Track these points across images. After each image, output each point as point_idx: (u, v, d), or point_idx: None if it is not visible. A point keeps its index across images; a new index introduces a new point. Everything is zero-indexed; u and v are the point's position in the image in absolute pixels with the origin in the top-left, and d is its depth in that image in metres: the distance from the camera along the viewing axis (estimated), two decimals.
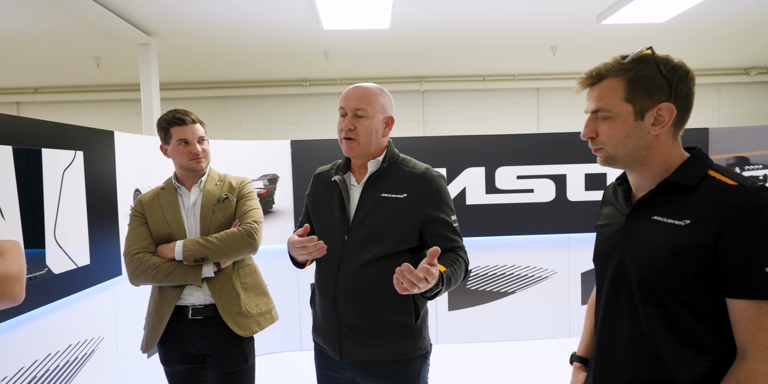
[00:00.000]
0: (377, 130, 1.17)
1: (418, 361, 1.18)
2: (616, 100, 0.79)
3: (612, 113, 0.80)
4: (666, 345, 0.76)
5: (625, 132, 0.80)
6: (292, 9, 3.45)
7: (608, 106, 0.80)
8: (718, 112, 6.38)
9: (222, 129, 6.04)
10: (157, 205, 1.51)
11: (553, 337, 3.10)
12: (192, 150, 1.48)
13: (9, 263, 0.81)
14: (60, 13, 3.43)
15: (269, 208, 2.90)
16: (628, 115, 0.79)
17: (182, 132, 1.47)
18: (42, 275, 1.61)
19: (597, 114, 0.82)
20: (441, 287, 1.01)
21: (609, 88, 0.80)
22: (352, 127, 1.15)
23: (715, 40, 4.67)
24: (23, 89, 5.95)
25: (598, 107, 0.81)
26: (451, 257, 1.14)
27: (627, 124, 0.80)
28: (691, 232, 0.74)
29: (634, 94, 0.78)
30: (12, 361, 1.52)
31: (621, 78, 0.79)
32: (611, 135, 0.81)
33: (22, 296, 0.82)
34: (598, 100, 0.81)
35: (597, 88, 0.81)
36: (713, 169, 0.78)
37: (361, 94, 1.16)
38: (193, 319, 1.46)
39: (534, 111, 6.32)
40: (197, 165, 1.49)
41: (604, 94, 0.80)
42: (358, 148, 1.17)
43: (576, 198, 3.00)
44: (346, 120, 1.16)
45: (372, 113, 1.16)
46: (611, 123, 0.80)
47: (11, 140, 1.51)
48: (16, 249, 0.85)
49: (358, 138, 1.16)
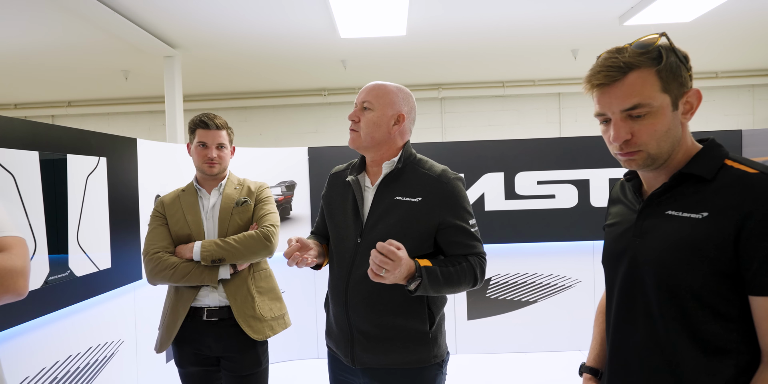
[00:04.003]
0: (381, 124, 1.15)
1: (432, 370, 1.14)
2: (654, 92, 0.71)
3: (653, 107, 0.71)
4: (686, 351, 0.70)
5: (667, 125, 0.72)
6: (309, 19, 3.51)
7: (648, 100, 0.70)
8: (753, 115, 6.11)
9: (243, 138, 6.17)
10: (178, 207, 1.54)
11: (578, 349, 2.97)
12: (207, 154, 1.52)
13: (14, 258, 0.83)
14: (90, 28, 3.60)
15: (287, 214, 2.91)
16: (667, 106, 0.72)
17: (204, 135, 1.52)
18: (64, 278, 1.65)
19: (634, 111, 0.71)
20: (420, 279, 1.01)
21: (641, 80, 0.71)
22: (355, 119, 1.16)
23: (746, 40, 4.49)
24: (58, 103, 6.26)
25: (636, 103, 0.71)
26: (453, 259, 1.11)
27: (667, 116, 0.72)
28: (709, 225, 0.68)
29: (669, 83, 0.71)
30: (34, 361, 1.55)
31: (650, 67, 0.71)
32: (653, 132, 0.71)
33: (25, 291, 0.84)
34: (632, 95, 0.71)
35: (624, 84, 0.71)
36: (730, 158, 0.73)
37: (372, 88, 1.17)
38: (208, 321, 1.47)
39: (555, 117, 6.21)
40: (209, 169, 1.53)
41: (639, 87, 0.71)
42: (359, 139, 1.16)
43: (600, 204, 2.89)
44: (353, 111, 1.17)
45: (377, 106, 1.15)
46: (653, 118, 0.71)
47: (38, 146, 1.56)
48: (21, 245, 0.87)
49: (359, 130, 1.15)
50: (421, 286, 1.02)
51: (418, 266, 1.02)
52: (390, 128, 1.16)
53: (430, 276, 1.03)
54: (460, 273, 1.08)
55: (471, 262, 1.11)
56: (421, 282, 1.02)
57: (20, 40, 3.83)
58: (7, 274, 0.80)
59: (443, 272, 1.06)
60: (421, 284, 1.02)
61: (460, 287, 1.09)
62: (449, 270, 1.07)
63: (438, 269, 1.05)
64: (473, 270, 1.11)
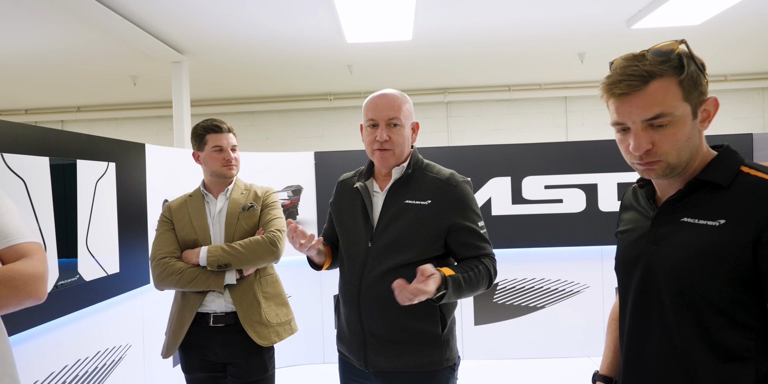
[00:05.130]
0: (408, 137, 1.17)
1: (445, 373, 1.14)
2: (676, 101, 0.70)
3: (675, 117, 0.70)
4: (703, 360, 0.69)
5: (687, 135, 0.71)
6: (316, 24, 3.53)
7: (671, 110, 0.70)
8: (763, 119, 6.04)
9: (250, 143, 6.20)
10: (185, 212, 1.55)
11: (587, 356, 2.93)
12: (226, 157, 1.53)
13: (36, 263, 0.86)
14: (99, 35, 3.65)
15: (293, 218, 2.92)
16: (688, 115, 0.71)
17: (218, 139, 1.53)
18: (73, 282, 1.66)
19: (656, 121, 0.70)
20: (446, 290, 1.01)
21: (664, 89, 0.70)
22: (387, 138, 1.13)
23: (756, 43, 4.45)
24: (67, 108, 6.34)
25: (658, 112, 0.70)
26: (469, 263, 1.12)
27: (687, 125, 0.71)
28: (726, 233, 0.68)
29: (690, 92, 0.71)
30: (43, 365, 1.56)
31: (672, 76, 0.70)
32: (675, 141, 0.71)
33: (45, 295, 0.86)
34: (654, 104, 0.70)
35: (645, 93, 0.70)
36: (746, 165, 0.72)
37: (392, 102, 1.15)
38: (215, 327, 1.47)
39: (562, 120, 6.18)
40: (229, 171, 1.54)
41: (661, 97, 0.70)
42: (393, 157, 1.16)
43: (608, 208, 2.86)
44: (379, 131, 1.14)
45: (404, 121, 1.16)
46: (674, 128, 0.70)
47: (48, 152, 1.58)
48: (40, 250, 0.90)
49: (393, 148, 1.15)
50: (445, 296, 1.03)
51: (444, 277, 1.02)
52: (411, 138, 1.19)
53: (454, 285, 1.03)
54: (479, 276, 1.10)
55: (486, 264, 1.13)
56: (446, 293, 1.02)
57: (31, 46, 3.89)
58: (30, 279, 0.83)
59: (464, 278, 1.07)
60: (445, 295, 1.02)
61: (477, 290, 1.10)
62: (469, 275, 1.08)
63: (460, 276, 1.06)
64: (489, 272, 1.12)
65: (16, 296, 0.81)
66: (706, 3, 3.17)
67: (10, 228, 0.87)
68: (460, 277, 1.05)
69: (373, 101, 1.16)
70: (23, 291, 0.82)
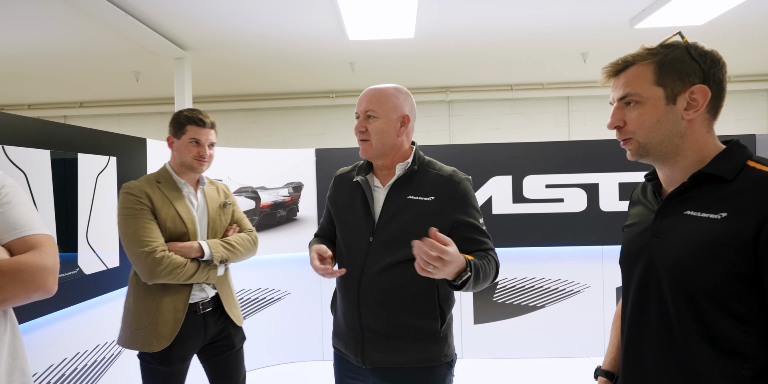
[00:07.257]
0: (389, 129, 1.17)
1: (443, 369, 1.14)
2: (645, 83, 0.76)
3: (641, 97, 0.76)
4: (701, 354, 0.69)
5: (656, 117, 0.75)
6: (318, 21, 3.53)
7: (637, 90, 0.76)
8: (767, 120, 6.02)
9: (252, 140, 6.21)
10: (165, 201, 1.47)
11: (587, 355, 2.93)
12: (201, 152, 1.52)
13: (45, 256, 0.84)
14: (102, 31, 3.65)
15: (293, 215, 2.92)
16: (658, 98, 0.75)
17: (198, 132, 1.52)
18: (73, 275, 1.67)
19: (624, 100, 0.78)
20: (470, 272, 0.97)
21: (637, 73, 0.77)
22: (363, 129, 1.17)
23: (760, 44, 4.43)
24: (70, 104, 6.35)
25: (626, 93, 0.77)
26: (480, 254, 1.12)
27: (658, 108, 0.75)
28: (728, 226, 0.67)
29: (665, 77, 0.75)
30: (43, 358, 1.57)
31: (649, 62, 0.76)
32: (641, 121, 0.76)
33: (54, 288, 0.85)
34: (625, 85, 0.77)
35: (624, 76, 0.78)
36: (753, 159, 0.72)
37: (372, 95, 1.17)
38: (204, 313, 1.52)
39: (564, 120, 6.16)
40: (200, 166, 1.53)
41: (632, 79, 0.77)
42: (371, 149, 1.17)
43: (609, 208, 2.86)
44: (358, 122, 1.19)
45: (382, 113, 1.16)
46: (641, 108, 0.76)
47: (50, 145, 1.58)
48: (51, 243, 0.88)
49: (371, 138, 1.17)
50: (469, 280, 0.99)
51: (468, 261, 0.99)
52: (398, 131, 1.18)
53: (475, 270, 1.01)
54: (490, 266, 1.10)
55: (493, 256, 1.14)
56: (470, 277, 0.98)
57: (34, 42, 3.90)
58: (38, 271, 0.81)
59: (481, 266, 1.05)
60: (469, 279, 0.98)
61: (488, 281, 1.08)
62: (483, 263, 1.07)
63: (479, 263, 1.05)
64: (496, 264, 1.13)
65: (23, 289, 0.80)
66: (709, 3, 3.15)
67: (21, 219, 0.86)
68: (479, 264, 1.04)
69: (361, 95, 1.20)
70: (30, 284, 0.80)
